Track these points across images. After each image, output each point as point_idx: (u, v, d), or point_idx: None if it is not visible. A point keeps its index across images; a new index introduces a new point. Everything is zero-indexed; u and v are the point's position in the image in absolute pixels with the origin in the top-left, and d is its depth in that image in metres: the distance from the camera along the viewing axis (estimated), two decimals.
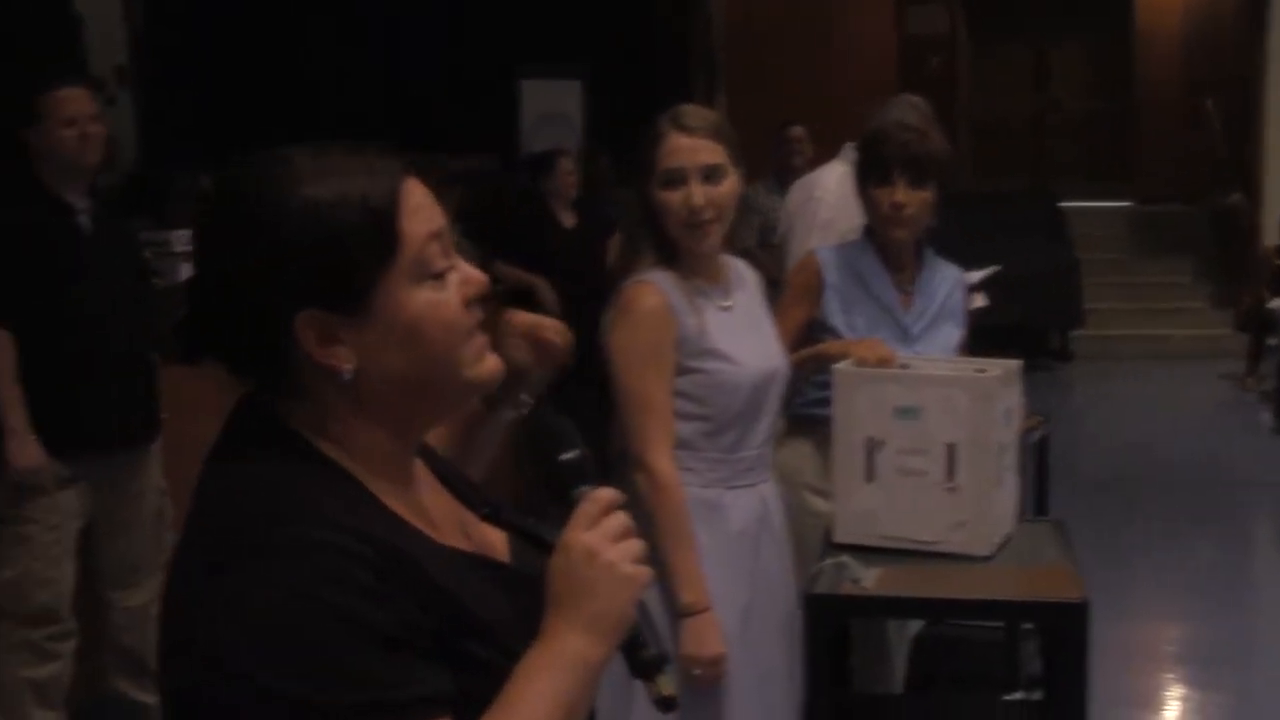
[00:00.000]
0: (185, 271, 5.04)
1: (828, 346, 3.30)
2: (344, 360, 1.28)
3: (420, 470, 1.42)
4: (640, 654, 1.34)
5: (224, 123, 8.87)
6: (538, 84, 10.35)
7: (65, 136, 4.04)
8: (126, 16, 8.78)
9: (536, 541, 1.43)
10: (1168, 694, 5.14)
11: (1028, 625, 4.20)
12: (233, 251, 1.28)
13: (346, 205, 1.27)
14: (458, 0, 10.28)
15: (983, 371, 2.99)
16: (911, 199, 3.38)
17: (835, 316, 3.43)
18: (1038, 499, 5.12)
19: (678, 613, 2.69)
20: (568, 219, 7.46)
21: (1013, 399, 3.05)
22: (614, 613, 1.30)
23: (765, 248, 6.74)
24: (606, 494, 1.35)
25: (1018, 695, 4.30)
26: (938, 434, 2.94)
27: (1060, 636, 2.90)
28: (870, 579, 2.85)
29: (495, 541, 1.46)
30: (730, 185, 2.82)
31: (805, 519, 3.39)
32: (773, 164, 7.89)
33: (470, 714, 1.25)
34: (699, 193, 2.77)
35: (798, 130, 8.06)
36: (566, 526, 1.33)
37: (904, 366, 3.11)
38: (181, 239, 5.02)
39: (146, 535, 4.34)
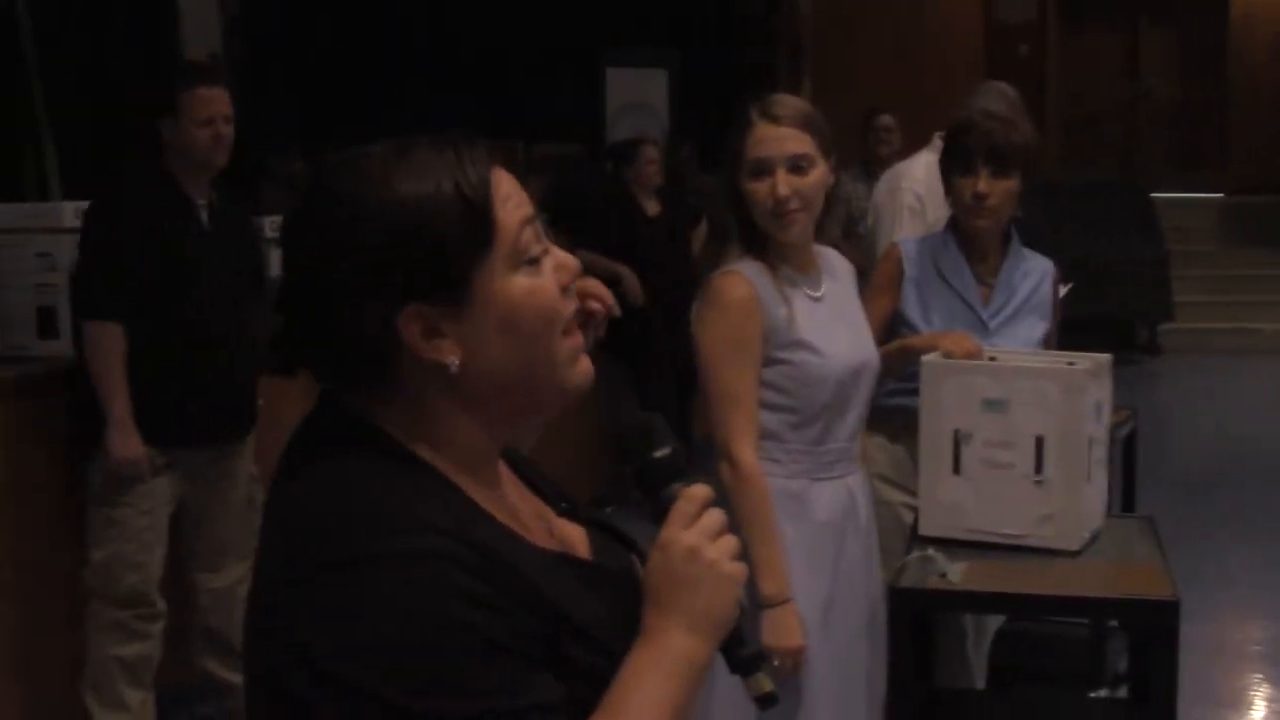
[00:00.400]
0: (277, 259, 5.08)
1: (914, 340, 3.28)
2: (448, 353, 1.26)
3: (504, 470, 1.39)
4: (739, 651, 1.33)
5: (316, 110, 8.97)
6: (622, 72, 10.35)
7: (200, 135, 4.06)
8: (222, 4, 8.89)
9: (620, 538, 1.41)
10: (1255, 694, 5.06)
11: (1113, 622, 4.15)
12: (329, 255, 1.25)
13: (440, 197, 1.25)
14: None
15: (1072, 364, 2.95)
16: (994, 189, 3.34)
17: (912, 309, 3.41)
18: (1126, 494, 5.06)
19: (759, 603, 2.68)
20: (651, 208, 7.45)
21: (1103, 393, 3.02)
22: (717, 611, 1.29)
23: (851, 237, 6.71)
24: (701, 491, 1.33)
25: (1103, 693, 4.26)
26: (1025, 427, 2.91)
27: (1150, 635, 2.87)
28: (956, 573, 2.82)
29: (575, 537, 1.43)
30: (818, 175, 2.80)
31: (878, 509, 3.38)
32: (859, 153, 7.85)
33: (576, 719, 1.23)
34: (785, 182, 2.76)
35: (886, 119, 8.00)
36: (664, 525, 1.32)
37: (991, 359, 3.08)
38: (275, 224, 5.06)
39: (235, 520, 4.39)
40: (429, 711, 1.14)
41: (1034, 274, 3.51)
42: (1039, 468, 2.91)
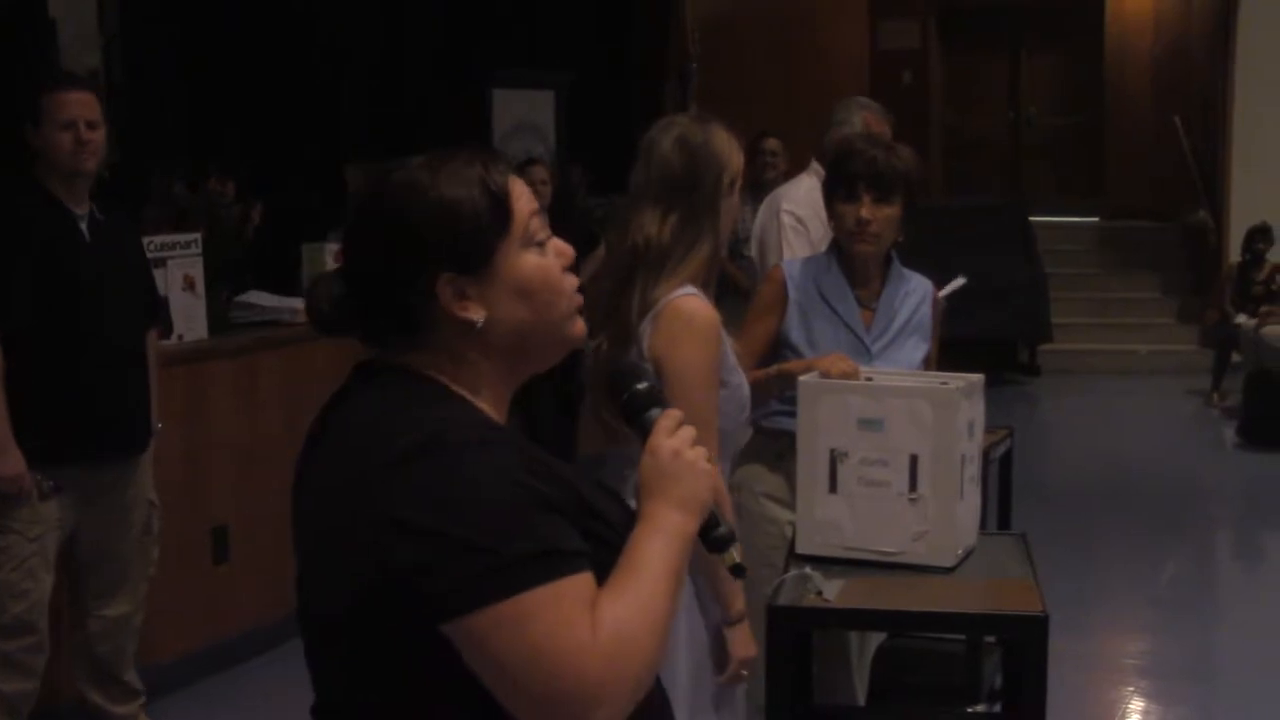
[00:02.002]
0: (160, 276, 5.02)
1: (793, 365, 3.32)
2: (475, 312, 1.63)
3: None
4: (714, 531, 1.71)
5: (201, 131, 8.86)
6: (510, 93, 10.33)
7: (62, 139, 3.97)
8: (101, 19, 8.75)
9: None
10: (1129, 707, 5.17)
11: (990, 638, 4.23)
12: (389, 237, 1.62)
13: (472, 193, 1.63)
14: (431, 9, 10.27)
15: (945, 384, 3.01)
16: (877, 215, 3.40)
17: (795, 332, 3.45)
18: (1002, 512, 5.15)
19: (729, 620, 2.70)
20: None
21: (975, 411, 3.08)
22: (699, 495, 1.67)
23: (736, 259, 6.77)
24: (676, 413, 1.74)
25: (980, 708, 4.33)
26: (901, 445, 2.96)
27: (1020, 649, 2.92)
28: (833, 590, 2.86)
29: None
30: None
31: (763, 525, 3.42)
32: (748, 177, 7.91)
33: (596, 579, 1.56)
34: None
35: (772, 143, 8.09)
36: (650, 435, 1.71)
37: (868, 379, 3.13)
38: (155, 244, 4.99)
39: (132, 548, 4.30)
40: (511, 551, 1.48)
41: (914, 295, 3.57)
42: (913, 485, 2.96)
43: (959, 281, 4.85)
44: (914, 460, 2.95)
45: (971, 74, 16.00)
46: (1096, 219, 14.79)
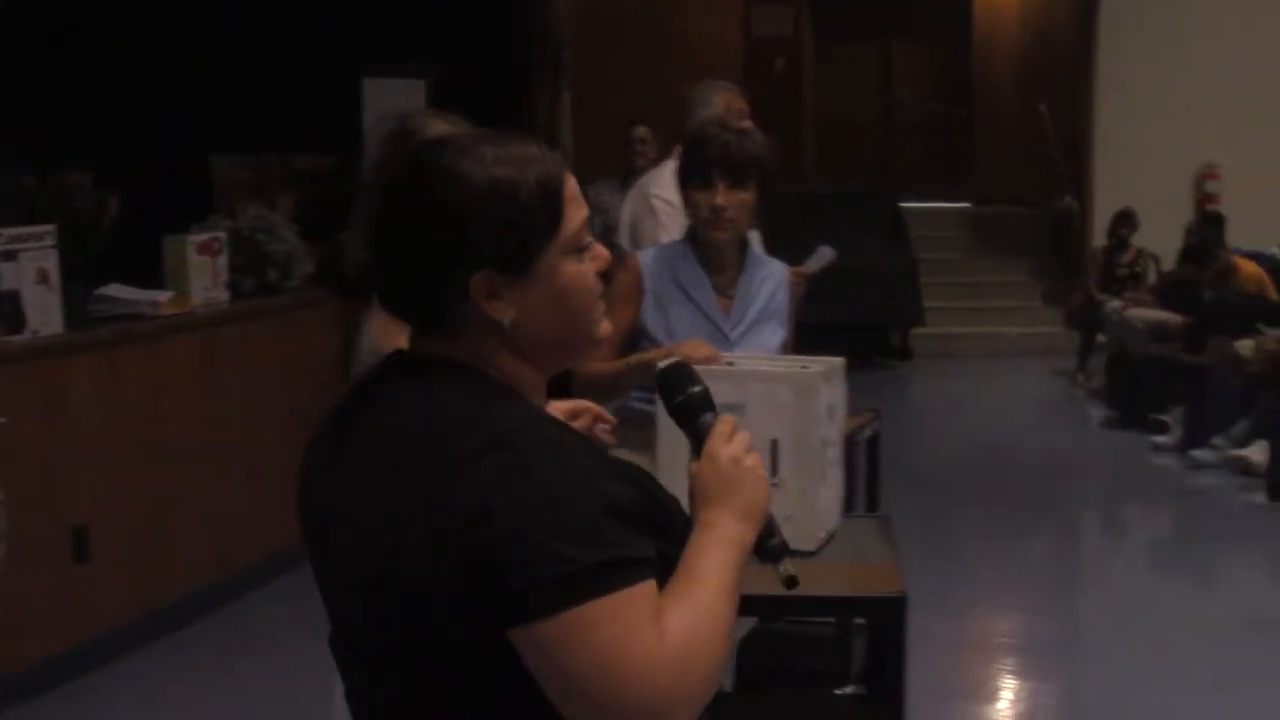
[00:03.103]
0: (11, 270, 4.88)
1: (652, 354, 3.31)
2: (505, 313, 1.56)
3: None
4: (769, 541, 1.68)
5: (53, 126, 8.63)
6: (380, 83, 10.20)
7: None
8: None
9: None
10: (999, 684, 5.25)
11: (860, 620, 4.25)
12: (431, 217, 1.53)
13: (525, 187, 1.54)
14: None
15: (805, 368, 3.02)
16: (731, 201, 3.39)
17: (653, 322, 3.44)
18: (870, 494, 5.20)
19: None
20: None
21: (835, 395, 3.09)
22: (758, 504, 1.66)
23: (610, 249, 6.76)
24: (731, 419, 1.72)
25: (849, 689, 4.35)
26: (761, 430, 2.96)
27: (881, 630, 2.95)
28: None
29: None
30: None
31: None
32: (622, 164, 7.92)
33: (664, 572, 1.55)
34: None
35: (641, 130, 8.10)
36: (707, 441, 1.68)
37: (729, 364, 3.13)
38: (5, 237, 4.85)
39: None
40: (584, 558, 1.44)
41: (771, 280, 3.57)
42: (774, 470, 2.96)
43: (827, 254, 4.85)
44: (775, 445, 2.96)
45: (843, 61, 16.15)
46: (966, 204, 15.01)
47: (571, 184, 1.61)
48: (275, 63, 10.08)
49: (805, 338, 3.74)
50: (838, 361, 3.13)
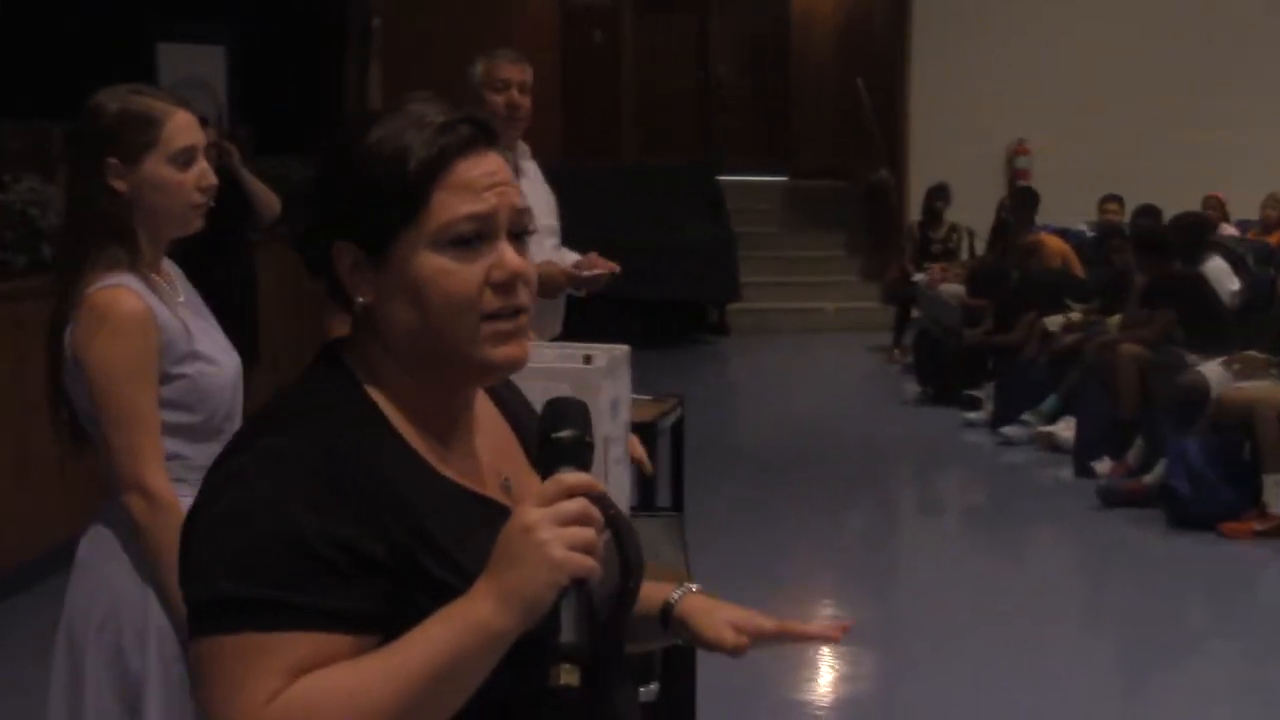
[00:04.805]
0: None
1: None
2: (362, 291, 1.43)
3: (486, 421, 1.55)
4: (552, 639, 1.33)
5: None
6: (176, 48, 9.77)
7: None
8: None
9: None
10: (814, 672, 5.14)
11: None
12: (315, 180, 1.47)
13: (391, 160, 1.40)
14: None
15: (588, 360, 2.83)
16: None
17: None
18: (675, 484, 5.04)
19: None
20: None
21: (619, 388, 2.90)
22: (529, 589, 1.32)
23: None
24: (576, 479, 1.36)
25: (653, 686, 4.19)
26: None
27: None
28: None
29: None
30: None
31: None
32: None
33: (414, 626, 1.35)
34: (210, 171, 2.54)
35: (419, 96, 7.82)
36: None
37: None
38: None
39: None
40: (222, 589, 1.32)
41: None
42: None
43: (599, 270, 4.46)
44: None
45: (662, 33, 16.01)
46: (783, 178, 15.00)
47: (472, 171, 1.42)
48: (60, 23, 9.58)
49: (618, 313, 3.54)
50: (621, 351, 2.94)
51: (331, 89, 11.50)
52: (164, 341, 2.47)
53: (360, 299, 1.43)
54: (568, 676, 1.33)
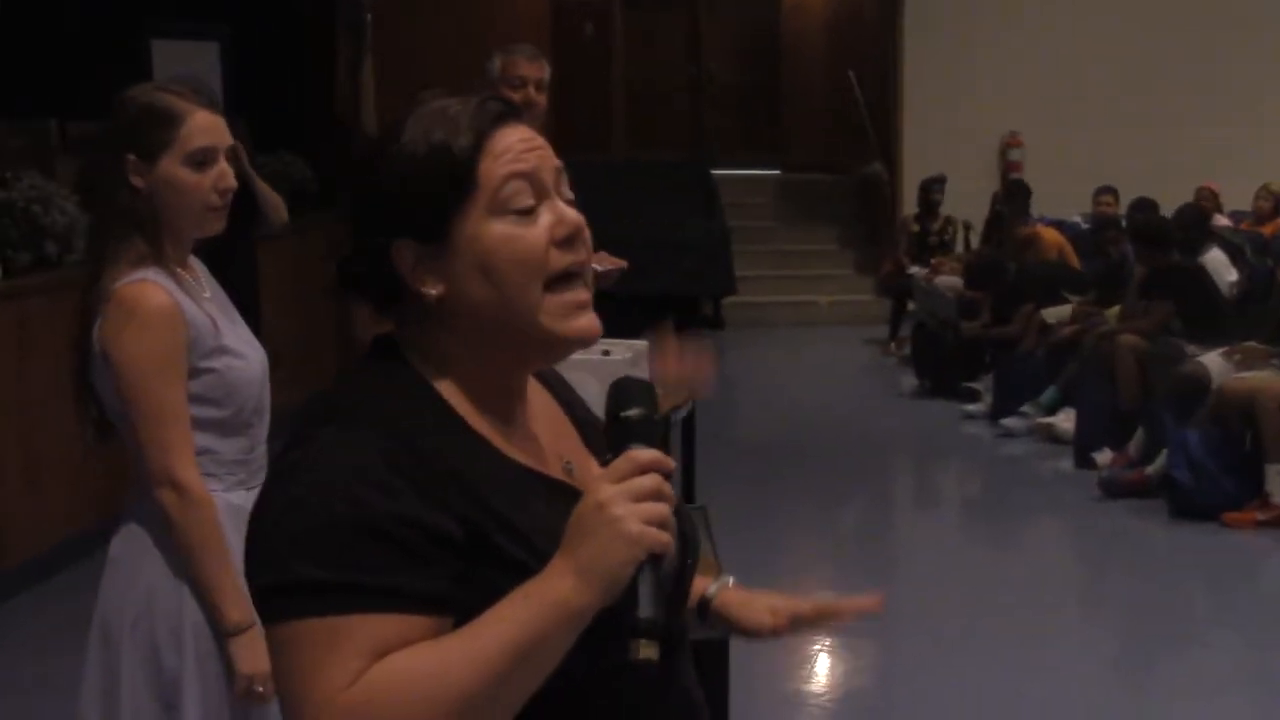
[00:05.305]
0: None
1: None
2: (430, 285, 1.43)
3: (540, 408, 1.56)
4: (631, 613, 1.34)
5: None
6: (169, 44, 9.74)
7: None
8: None
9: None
10: (813, 666, 5.15)
11: None
12: (356, 191, 1.47)
13: (430, 147, 1.42)
14: None
15: (608, 354, 2.83)
16: None
17: None
18: (686, 478, 5.05)
19: (228, 631, 2.46)
20: None
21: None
22: (605, 564, 1.32)
23: None
24: (649, 455, 1.37)
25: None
26: None
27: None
28: None
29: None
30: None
31: None
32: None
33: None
34: (230, 173, 2.55)
35: (428, 95, 7.80)
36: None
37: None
38: None
39: None
40: (293, 574, 1.31)
41: None
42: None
43: (610, 266, 4.49)
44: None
45: (653, 28, 16.00)
46: (777, 172, 15.01)
47: (507, 138, 1.45)
48: (57, 21, 9.56)
49: (614, 309, 3.54)
50: (642, 345, 2.96)
51: (324, 85, 11.48)
52: (191, 336, 2.48)
53: (432, 291, 1.43)
54: (647, 651, 1.34)
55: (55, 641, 5.04)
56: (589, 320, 1.46)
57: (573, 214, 1.46)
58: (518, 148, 1.45)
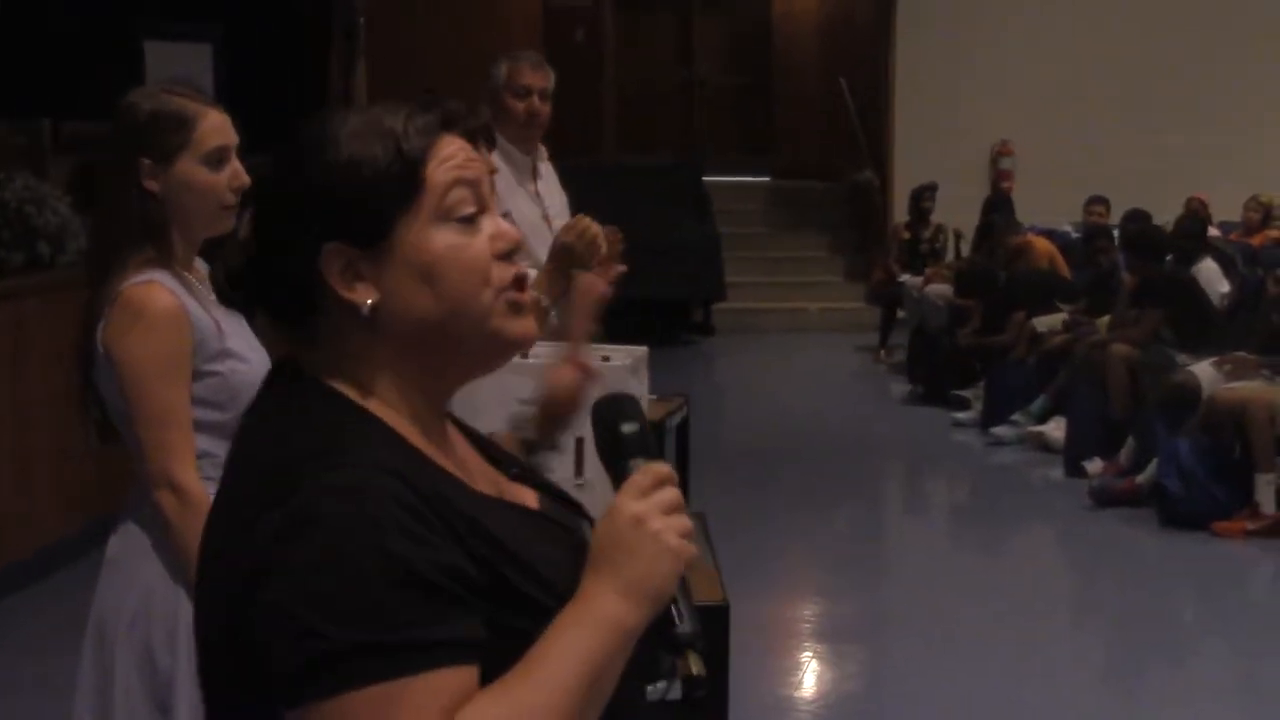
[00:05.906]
0: None
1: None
2: (364, 294, 1.35)
3: (451, 430, 1.47)
4: (670, 629, 1.33)
5: None
6: (162, 45, 9.72)
7: None
8: None
9: (570, 502, 1.52)
10: (806, 672, 5.16)
11: None
12: (274, 192, 1.39)
13: (375, 149, 1.36)
14: None
15: (607, 360, 2.84)
16: None
17: None
18: (680, 483, 5.05)
19: None
20: None
21: (640, 387, 2.93)
22: (653, 581, 1.31)
23: None
24: (661, 468, 1.37)
25: (660, 684, 4.20)
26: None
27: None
28: None
29: (526, 500, 1.50)
30: None
31: None
32: None
33: (518, 651, 1.27)
34: (242, 171, 2.54)
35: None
36: (618, 493, 1.35)
37: (525, 356, 2.92)
38: None
39: None
40: (345, 639, 1.20)
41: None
42: (579, 470, 2.77)
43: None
44: (579, 443, 2.76)
45: (644, 32, 16.01)
46: (767, 178, 15.02)
47: (451, 146, 1.40)
48: (48, 21, 9.54)
49: (607, 314, 3.54)
50: (641, 351, 2.97)
51: (318, 88, 11.48)
52: (197, 339, 2.48)
53: (366, 299, 1.35)
54: (696, 666, 1.33)
55: (55, 641, 5.02)
56: (528, 323, 1.42)
57: (511, 229, 1.42)
58: (460, 155, 1.41)
